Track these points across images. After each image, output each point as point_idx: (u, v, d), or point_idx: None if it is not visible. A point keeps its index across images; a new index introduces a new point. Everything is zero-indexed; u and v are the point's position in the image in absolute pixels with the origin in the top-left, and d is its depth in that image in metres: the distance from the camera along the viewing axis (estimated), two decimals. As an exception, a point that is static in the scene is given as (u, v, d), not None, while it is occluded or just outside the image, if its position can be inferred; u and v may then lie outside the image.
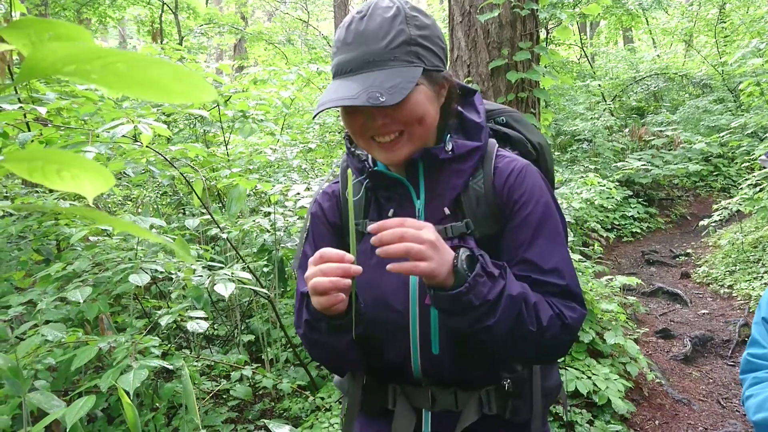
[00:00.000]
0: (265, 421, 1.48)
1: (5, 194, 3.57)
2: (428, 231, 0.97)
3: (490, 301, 0.98)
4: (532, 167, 1.16)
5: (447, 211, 1.13)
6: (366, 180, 1.19)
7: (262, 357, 3.43)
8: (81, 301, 1.97)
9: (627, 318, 4.10)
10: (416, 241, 0.94)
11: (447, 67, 1.14)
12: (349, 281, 0.98)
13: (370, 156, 1.19)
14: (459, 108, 1.18)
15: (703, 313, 5.16)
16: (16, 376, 1.75)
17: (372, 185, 1.18)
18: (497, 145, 1.20)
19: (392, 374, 1.19)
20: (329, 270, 0.97)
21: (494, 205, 1.12)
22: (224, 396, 3.19)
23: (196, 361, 2.63)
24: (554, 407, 2.99)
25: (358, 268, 0.98)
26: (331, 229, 1.23)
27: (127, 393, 1.62)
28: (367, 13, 1.05)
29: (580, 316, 1.09)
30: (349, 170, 1.07)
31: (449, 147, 1.12)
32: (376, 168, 1.17)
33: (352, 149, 1.21)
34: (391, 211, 1.17)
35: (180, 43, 9.42)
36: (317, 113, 1.02)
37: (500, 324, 1.00)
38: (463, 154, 1.13)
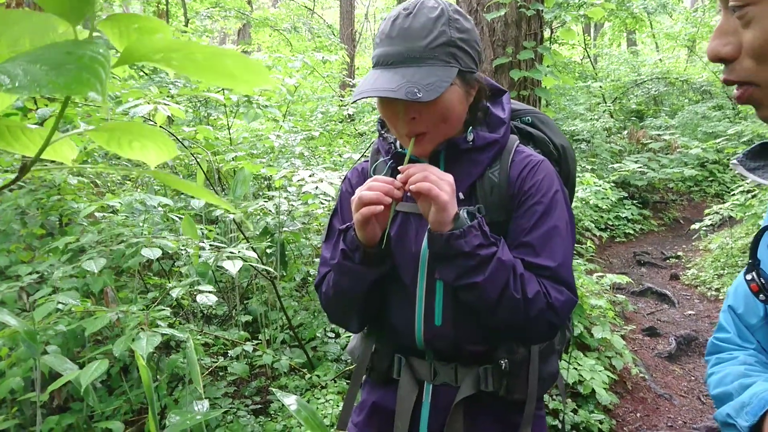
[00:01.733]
0: (273, 389, 1.57)
1: (12, 169, 3.63)
2: (449, 176, 1.11)
3: (479, 256, 1.09)
4: (547, 164, 1.24)
5: (462, 195, 1.22)
6: (391, 160, 1.29)
7: (260, 337, 3.52)
8: (96, 271, 2.07)
9: (615, 315, 4.21)
10: (437, 175, 1.09)
11: (480, 67, 1.22)
12: (389, 200, 1.11)
13: (398, 140, 1.28)
14: (487, 105, 1.27)
15: (690, 314, 5.29)
16: (33, 339, 1.84)
17: (396, 165, 1.26)
18: (518, 141, 1.29)
19: (398, 342, 1.29)
20: (376, 186, 1.12)
21: (506, 196, 1.21)
22: (221, 373, 3.29)
23: (199, 335, 2.73)
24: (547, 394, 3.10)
25: (400, 193, 1.12)
26: None
27: (125, 364, 1.71)
28: (413, 10, 1.12)
29: (568, 300, 1.16)
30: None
31: (470, 138, 1.21)
32: (399, 150, 1.26)
33: (383, 132, 1.32)
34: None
35: (186, 25, 9.45)
36: (356, 99, 1.11)
37: (488, 284, 1.10)
38: (483, 145, 1.22)
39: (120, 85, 3.24)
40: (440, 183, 1.09)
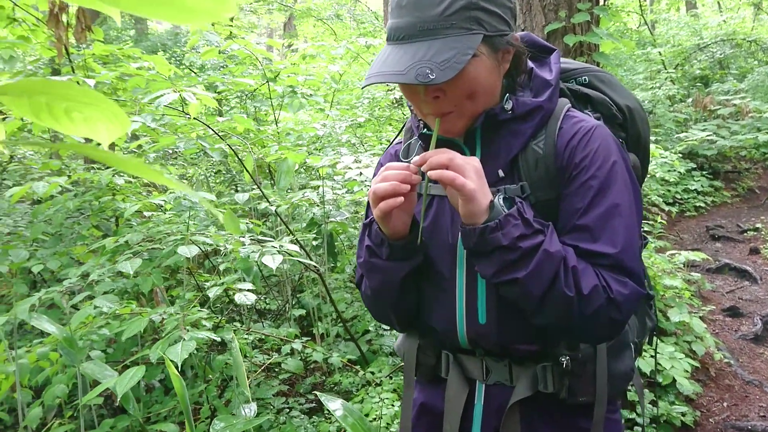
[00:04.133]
0: (318, 393, 1.45)
1: (67, 173, 3.65)
2: (474, 161, 0.97)
3: (520, 249, 0.94)
4: (603, 129, 1.05)
5: (501, 173, 1.06)
6: (420, 142, 1.16)
7: (313, 331, 3.43)
8: (131, 272, 1.98)
9: (692, 295, 3.90)
10: (462, 160, 0.95)
11: (515, 26, 1.04)
12: (407, 187, 0.99)
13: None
14: (532, 67, 1.10)
15: (775, 291, 4.88)
16: (71, 345, 1.77)
17: (425, 148, 1.13)
18: (569, 104, 1.11)
19: (441, 340, 1.16)
20: (390, 175, 0.99)
21: (554, 169, 1.03)
22: (276, 369, 3.21)
23: (247, 334, 2.63)
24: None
25: (418, 177, 0.99)
26: None
27: (176, 365, 1.61)
28: None
29: (633, 293, 0.98)
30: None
31: (509, 107, 1.04)
32: (424, 131, 1.12)
33: (412, 108, 1.15)
34: None
35: (231, 21, 9.48)
36: (366, 85, 0.98)
37: (532, 280, 0.95)
38: (524, 113, 1.04)
39: (156, 78, 3.18)
40: (465, 168, 0.94)
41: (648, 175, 6.64)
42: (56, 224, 3.41)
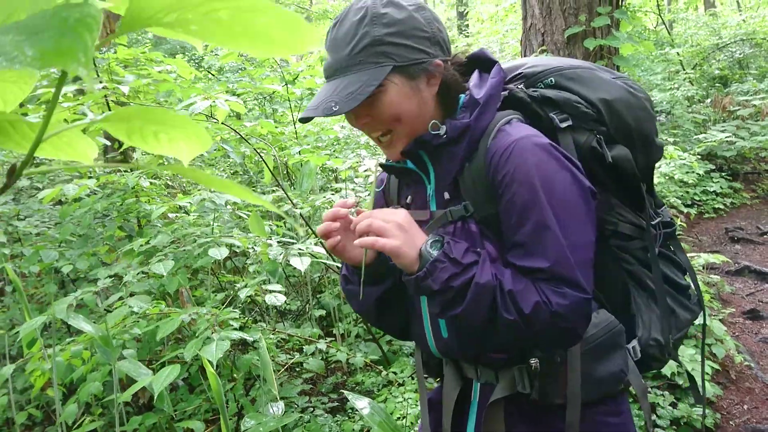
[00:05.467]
0: (345, 392, 1.49)
1: (89, 175, 3.73)
2: (398, 214, 1.04)
3: (453, 288, 0.99)
4: (522, 143, 1.05)
5: (447, 195, 1.13)
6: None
7: (334, 332, 3.47)
8: (164, 273, 2.05)
9: (711, 297, 3.88)
10: (381, 219, 1.02)
11: (443, 51, 1.10)
12: (337, 224, 1.09)
13: None
14: (466, 87, 1.14)
15: (796, 294, 4.83)
16: (107, 344, 1.83)
17: (387, 174, 1.26)
18: (510, 118, 1.12)
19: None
20: (324, 215, 1.11)
21: (488, 186, 1.08)
22: (297, 369, 3.26)
23: (272, 334, 2.68)
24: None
25: (345, 211, 1.09)
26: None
27: (210, 363, 1.66)
28: (340, 19, 1.07)
29: (574, 301, 1.00)
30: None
31: (442, 131, 1.09)
32: (386, 161, 1.21)
33: None
34: (408, 197, 1.23)
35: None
36: (299, 121, 1.10)
37: (469, 313, 1.00)
38: (456, 136, 1.09)
39: (184, 85, 3.24)
40: (385, 228, 1.01)
41: (666, 177, 6.58)
42: (84, 225, 3.49)
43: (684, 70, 11.00)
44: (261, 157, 2.90)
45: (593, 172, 1.15)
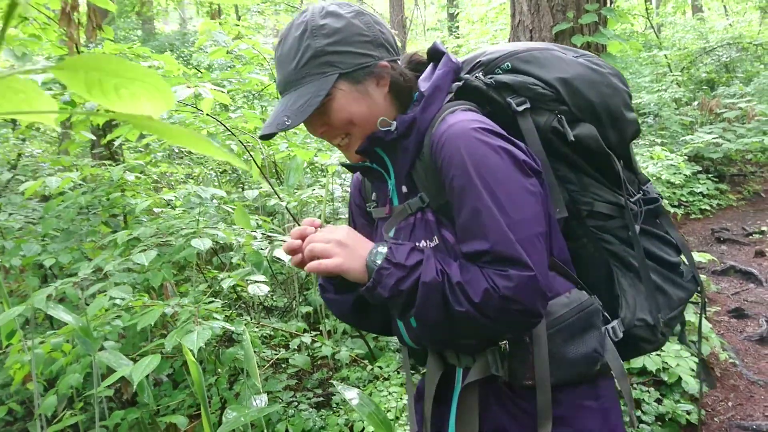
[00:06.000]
0: (334, 382, 1.47)
1: (77, 169, 3.69)
2: (338, 231, 1.06)
3: (402, 292, 1.00)
4: (455, 129, 1.05)
5: (405, 188, 1.16)
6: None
7: (320, 328, 3.45)
8: (146, 264, 2.02)
9: (697, 295, 3.90)
10: (321, 240, 1.04)
11: (392, 52, 1.13)
12: (298, 242, 1.08)
13: None
14: (414, 83, 1.15)
15: (780, 293, 4.88)
16: (87, 335, 1.80)
17: (360, 173, 1.29)
18: (454, 109, 1.12)
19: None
20: (291, 234, 1.11)
21: (435, 175, 1.09)
22: (283, 365, 3.24)
23: (257, 328, 2.66)
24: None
25: (311, 229, 1.08)
26: (359, 209, 1.35)
27: (191, 352, 1.64)
28: (283, 36, 1.09)
29: (520, 281, 0.97)
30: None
31: (393, 127, 1.11)
32: (345, 162, 1.24)
33: None
34: (374, 194, 1.27)
35: (238, 19, 9.51)
36: (260, 137, 1.10)
37: (423, 311, 1.02)
38: (405, 130, 1.11)
39: (173, 82, 3.21)
40: (326, 249, 1.03)
41: (654, 178, 6.62)
42: (67, 219, 3.45)
43: (672, 72, 11.09)
44: (249, 152, 2.87)
45: (560, 151, 1.16)
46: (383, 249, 1.03)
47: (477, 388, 1.14)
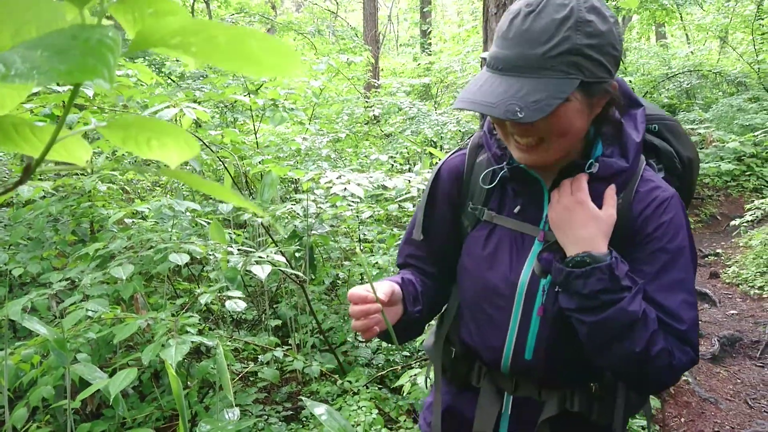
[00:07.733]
0: (303, 398, 1.52)
1: (43, 177, 3.65)
2: (611, 218, 1.03)
3: (600, 299, 0.99)
4: (677, 200, 1.08)
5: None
6: (501, 169, 1.14)
7: (290, 342, 3.49)
8: (124, 278, 2.04)
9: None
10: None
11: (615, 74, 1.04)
12: (375, 317, 1.06)
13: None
14: (620, 119, 1.10)
15: (732, 314, 5.10)
16: (62, 347, 1.82)
17: (508, 176, 1.14)
18: (644, 164, 1.12)
19: (482, 360, 1.22)
20: (353, 312, 1.06)
21: (625, 229, 1.06)
22: (252, 378, 3.26)
23: (229, 341, 2.69)
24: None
25: (377, 306, 1.05)
26: (447, 202, 1.23)
27: (158, 371, 1.67)
28: (536, 8, 0.95)
29: (690, 362, 1.04)
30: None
31: (595, 169, 1.06)
32: (515, 164, 1.11)
33: (495, 132, 1.15)
34: (518, 207, 1.14)
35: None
36: (457, 109, 0.99)
37: (598, 328, 1.00)
38: (607, 176, 1.07)
39: (147, 91, 3.24)
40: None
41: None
42: (37, 228, 3.42)
43: (635, 97, 11.40)
44: (224, 164, 2.91)
45: None
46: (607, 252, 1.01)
47: (548, 423, 1.14)
